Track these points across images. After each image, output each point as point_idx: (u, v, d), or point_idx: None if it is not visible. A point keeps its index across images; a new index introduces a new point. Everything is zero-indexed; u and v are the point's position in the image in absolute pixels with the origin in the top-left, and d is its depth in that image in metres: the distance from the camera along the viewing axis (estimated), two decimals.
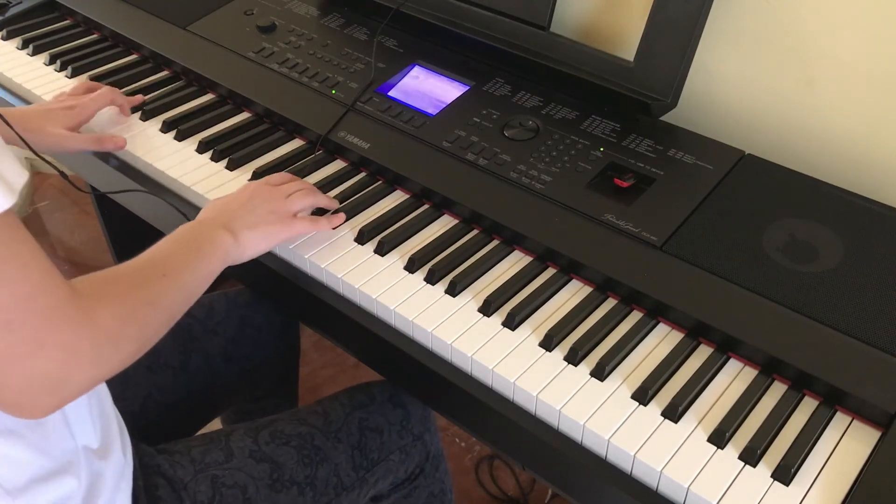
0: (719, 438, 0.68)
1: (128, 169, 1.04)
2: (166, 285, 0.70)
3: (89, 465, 0.72)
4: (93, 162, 1.07)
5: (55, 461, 0.69)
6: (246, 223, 0.81)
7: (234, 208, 0.83)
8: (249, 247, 0.81)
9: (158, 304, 0.69)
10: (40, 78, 1.17)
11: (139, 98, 1.10)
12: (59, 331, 0.56)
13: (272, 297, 1.04)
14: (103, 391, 0.77)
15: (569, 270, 0.85)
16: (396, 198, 0.95)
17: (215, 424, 1.21)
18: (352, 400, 0.94)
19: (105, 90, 1.05)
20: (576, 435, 0.71)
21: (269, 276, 0.91)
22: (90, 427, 0.73)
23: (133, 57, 1.22)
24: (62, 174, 0.93)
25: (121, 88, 1.13)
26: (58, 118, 0.99)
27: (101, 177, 1.10)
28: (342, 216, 0.90)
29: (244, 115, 1.09)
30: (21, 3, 1.31)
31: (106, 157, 1.05)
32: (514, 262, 0.87)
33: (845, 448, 0.68)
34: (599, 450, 0.70)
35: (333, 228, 0.89)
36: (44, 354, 0.56)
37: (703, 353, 0.77)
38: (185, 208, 0.97)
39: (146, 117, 1.08)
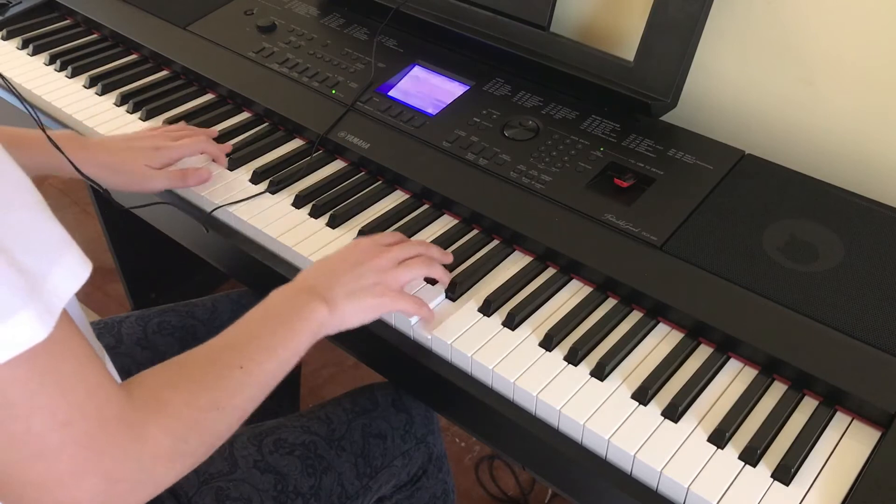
0: (719, 438, 0.68)
1: None
2: (242, 381, 0.62)
3: None
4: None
5: None
6: (347, 292, 0.73)
7: (339, 275, 0.74)
8: (346, 320, 0.73)
9: (229, 405, 0.61)
10: (40, 78, 1.17)
11: (229, 146, 1.00)
12: (101, 458, 0.50)
13: None
14: None
15: (569, 270, 0.85)
16: (396, 198, 0.95)
17: None
18: (355, 405, 0.93)
19: (200, 137, 0.96)
20: (576, 435, 0.71)
21: (271, 278, 0.91)
22: None
23: (133, 57, 1.22)
24: (105, 192, 0.91)
25: (121, 88, 1.13)
26: (142, 156, 0.92)
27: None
28: (447, 304, 0.81)
29: (244, 115, 1.09)
30: (21, 3, 1.31)
31: None
32: (514, 262, 0.87)
33: (845, 448, 0.68)
34: (599, 450, 0.70)
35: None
36: (81, 483, 0.50)
37: (703, 353, 0.77)
38: (194, 212, 0.96)
39: (147, 117, 1.08)
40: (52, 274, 0.48)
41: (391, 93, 1.05)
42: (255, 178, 0.97)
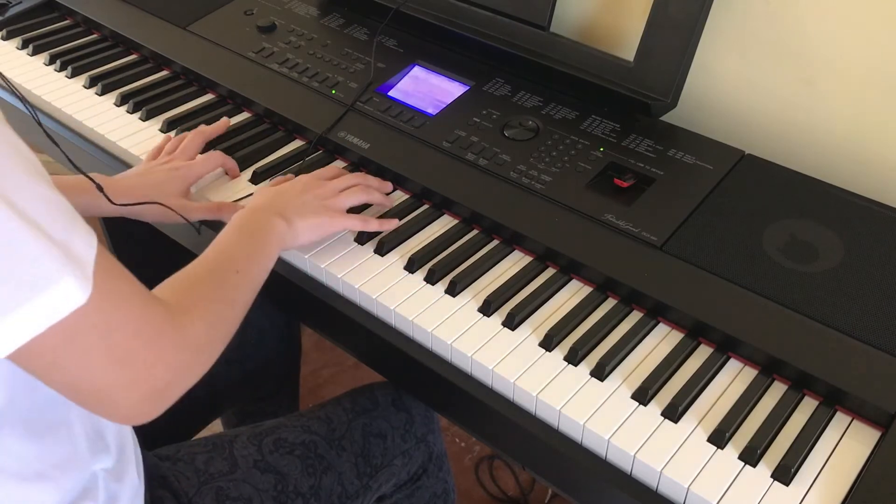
0: (719, 438, 0.68)
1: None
2: (240, 281, 0.74)
3: (107, 488, 0.71)
4: (102, 168, 1.06)
5: (76, 490, 0.69)
6: (298, 212, 0.83)
7: (286, 198, 0.84)
8: (299, 235, 0.83)
9: (236, 301, 0.73)
10: (40, 78, 1.17)
11: (237, 170, 0.99)
12: (165, 353, 0.61)
13: (273, 298, 1.04)
14: None
15: (569, 270, 0.85)
16: (396, 198, 0.95)
17: (215, 425, 1.21)
18: (355, 405, 0.93)
19: (216, 153, 0.97)
20: (576, 435, 0.71)
21: (271, 277, 0.90)
22: (110, 451, 0.72)
23: (133, 57, 1.22)
24: (98, 186, 0.89)
25: (121, 88, 1.13)
26: (170, 186, 0.91)
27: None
28: (395, 221, 0.89)
29: (244, 115, 1.09)
30: (21, 3, 1.31)
31: (112, 162, 1.05)
32: (514, 262, 0.87)
33: (845, 448, 0.68)
34: (599, 450, 0.70)
35: (387, 230, 0.88)
36: (154, 375, 0.60)
37: (703, 353, 0.77)
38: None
39: (147, 117, 1.08)
40: (76, 238, 0.54)
41: (391, 93, 1.05)
42: (256, 179, 0.97)
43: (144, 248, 1.56)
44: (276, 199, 0.84)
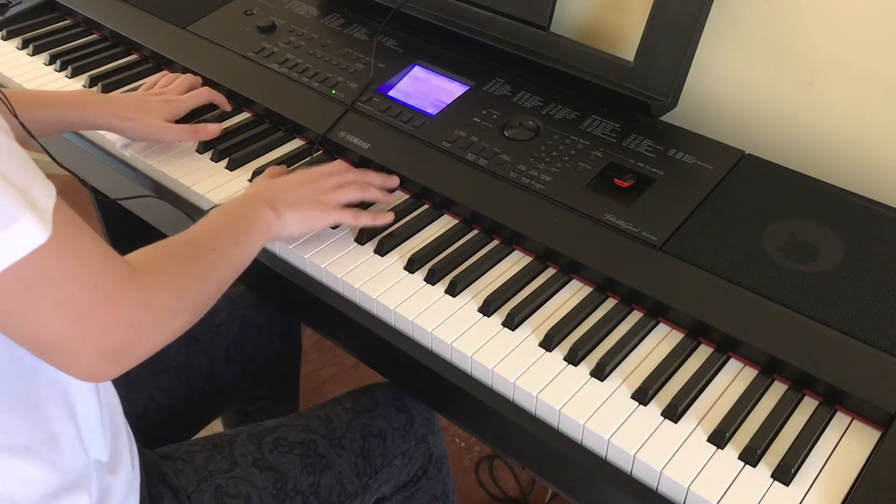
0: (719, 438, 0.68)
1: (128, 170, 1.04)
2: (216, 259, 0.74)
3: (100, 480, 0.72)
4: (96, 164, 1.06)
5: (68, 477, 0.69)
6: (289, 203, 0.83)
7: (280, 189, 0.85)
8: (288, 226, 0.83)
9: (210, 278, 0.73)
10: (41, 78, 1.17)
11: (227, 105, 1.09)
12: (125, 309, 0.61)
13: (273, 297, 1.04)
14: (115, 403, 0.77)
15: (569, 270, 0.85)
16: (396, 198, 0.95)
17: (216, 425, 1.21)
18: (355, 405, 0.93)
19: (204, 89, 1.06)
20: (576, 435, 0.71)
21: (270, 277, 0.91)
22: (102, 441, 0.73)
23: (133, 57, 1.22)
24: (82, 181, 0.94)
25: (121, 88, 1.13)
26: (154, 109, 0.99)
27: (104, 179, 1.10)
28: (390, 216, 0.89)
29: (244, 115, 1.09)
30: (21, 3, 1.31)
31: (110, 158, 1.05)
32: (514, 262, 0.87)
33: (845, 448, 0.68)
34: (599, 450, 0.70)
35: (379, 225, 0.89)
36: (112, 331, 0.61)
37: (703, 353, 0.77)
38: (188, 209, 0.97)
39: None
40: (35, 188, 0.55)
41: (391, 93, 1.05)
42: (255, 178, 0.97)
43: (141, 242, 1.56)
44: (269, 189, 0.85)
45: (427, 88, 1.06)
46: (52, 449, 0.67)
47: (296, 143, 1.04)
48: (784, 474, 0.66)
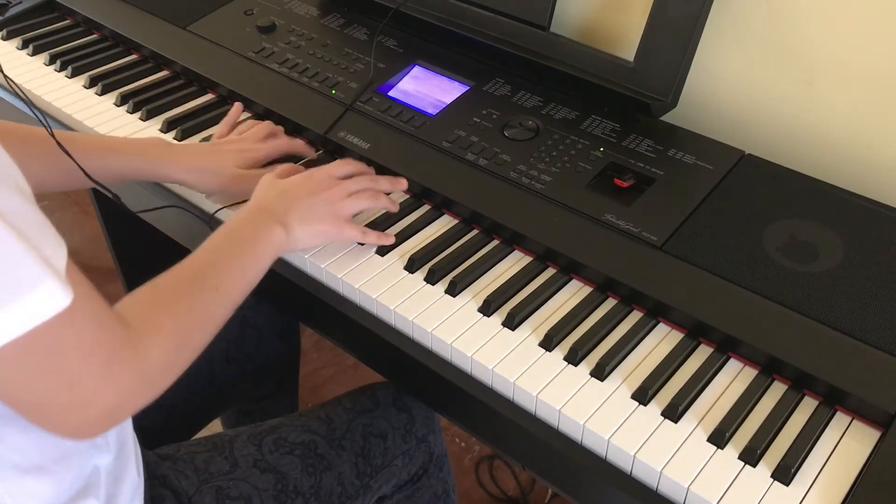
0: (719, 438, 0.68)
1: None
2: (218, 298, 0.71)
3: (107, 486, 0.72)
4: None
5: (77, 487, 0.69)
6: (301, 218, 0.81)
7: (291, 199, 0.82)
8: (298, 241, 0.81)
9: (210, 320, 0.70)
10: (40, 78, 1.17)
11: (312, 153, 1.01)
12: (116, 378, 0.59)
13: (273, 297, 1.04)
14: None
15: (569, 270, 0.85)
16: (396, 198, 0.95)
17: (215, 425, 1.21)
18: (355, 405, 0.93)
19: (284, 139, 0.99)
20: (576, 435, 0.71)
21: (270, 277, 0.90)
22: (110, 448, 0.73)
23: (133, 57, 1.22)
24: (115, 197, 0.91)
25: (121, 88, 1.13)
26: (230, 158, 0.93)
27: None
28: (392, 237, 0.87)
29: (244, 116, 1.09)
30: (21, 3, 1.31)
31: None
32: (514, 262, 0.87)
33: (845, 448, 0.68)
34: (599, 450, 0.70)
35: (383, 244, 0.87)
36: (103, 398, 0.58)
37: (703, 353, 0.77)
38: (194, 213, 0.96)
39: (147, 117, 1.08)
40: (48, 248, 0.54)
41: (391, 93, 1.05)
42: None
43: (145, 250, 1.56)
44: (281, 201, 0.81)
45: (427, 88, 1.06)
46: (63, 465, 0.67)
47: None
48: (784, 474, 0.66)
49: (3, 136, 0.83)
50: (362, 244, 0.88)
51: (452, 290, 0.82)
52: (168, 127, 1.06)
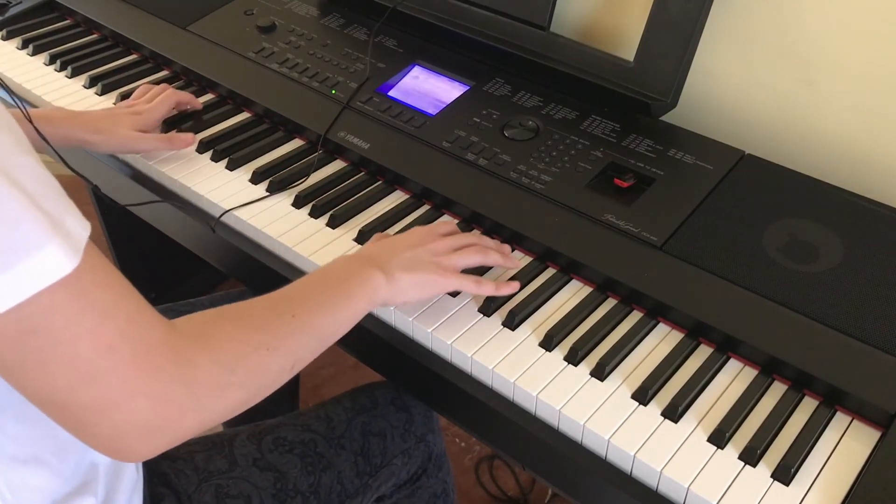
0: (719, 438, 0.68)
1: (130, 172, 1.04)
2: (294, 327, 0.66)
3: (105, 483, 0.72)
4: (103, 169, 1.06)
5: (74, 482, 0.69)
6: (404, 266, 0.75)
7: (393, 249, 0.77)
8: (402, 291, 0.75)
9: (281, 347, 0.64)
10: (40, 78, 1.17)
11: (197, 102, 1.08)
12: (148, 380, 0.54)
13: None
14: None
15: (569, 270, 0.85)
16: (396, 198, 0.95)
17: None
18: (354, 404, 0.94)
19: (168, 93, 1.04)
20: (576, 435, 0.71)
21: (272, 278, 0.91)
22: None
23: (133, 57, 1.22)
24: (95, 187, 0.95)
25: (121, 88, 1.13)
26: (126, 121, 0.99)
27: (108, 183, 1.09)
28: (515, 285, 0.81)
29: (244, 115, 1.09)
30: (21, 3, 1.31)
31: (117, 163, 1.05)
32: None
33: (845, 448, 0.68)
34: (599, 450, 0.70)
35: (503, 294, 0.81)
36: (132, 404, 0.53)
37: (703, 353, 0.77)
38: (193, 212, 0.96)
39: None
40: (67, 217, 0.51)
41: (391, 93, 1.05)
42: (255, 179, 0.97)
43: (145, 249, 1.56)
44: (383, 250, 0.77)
45: (427, 88, 1.06)
46: (60, 458, 0.67)
47: (296, 143, 1.04)
48: (784, 474, 0.66)
49: None
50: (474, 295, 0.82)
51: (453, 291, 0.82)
52: (168, 127, 1.06)
